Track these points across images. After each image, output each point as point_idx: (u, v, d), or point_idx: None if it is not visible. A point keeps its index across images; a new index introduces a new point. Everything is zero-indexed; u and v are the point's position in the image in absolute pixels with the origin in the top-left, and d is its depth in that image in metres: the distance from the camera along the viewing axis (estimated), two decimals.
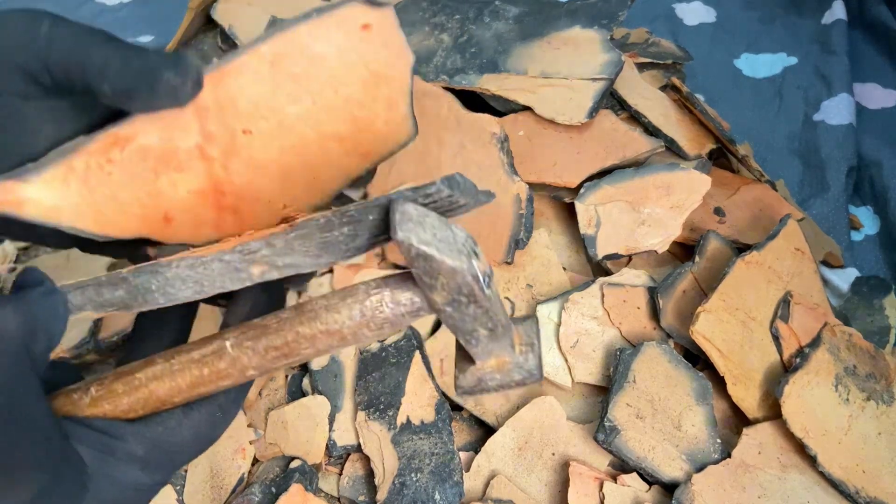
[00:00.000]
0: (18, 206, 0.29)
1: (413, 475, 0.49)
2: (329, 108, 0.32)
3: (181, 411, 0.30)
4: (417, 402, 0.52)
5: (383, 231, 0.28)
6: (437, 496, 0.48)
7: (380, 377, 0.53)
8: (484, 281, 0.27)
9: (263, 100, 0.31)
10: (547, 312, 0.54)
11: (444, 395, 0.54)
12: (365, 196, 0.59)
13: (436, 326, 0.57)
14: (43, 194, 0.29)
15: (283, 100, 0.32)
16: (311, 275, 0.36)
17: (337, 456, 0.52)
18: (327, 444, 0.52)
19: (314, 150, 0.33)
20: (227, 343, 0.29)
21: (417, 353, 0.54)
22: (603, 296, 0.54)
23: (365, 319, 0.28)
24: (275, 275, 0.29)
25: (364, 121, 0.33)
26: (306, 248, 0.29)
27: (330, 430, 0.53)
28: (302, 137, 0.33)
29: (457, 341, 0.31)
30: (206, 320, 0.60)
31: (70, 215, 0.30)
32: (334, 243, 0.29)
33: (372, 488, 0.50)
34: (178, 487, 0.52)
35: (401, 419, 0.51)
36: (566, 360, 0.53)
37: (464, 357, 0.31)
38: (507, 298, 0.57)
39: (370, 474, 0.51)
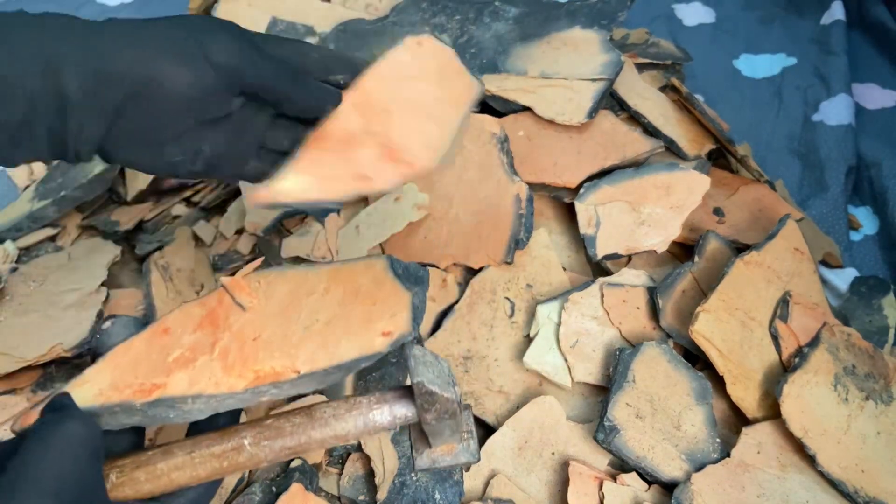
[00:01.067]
0: (283, 195, 0.39)
1: (413, 475, 0.49)
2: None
3: None
4: None
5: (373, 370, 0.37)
6: (437, 495, 0.48)
7: (380, 377, 0.53)
8: (461, 403, 0.35)
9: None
10: (547, 312, 0.54)
11: None
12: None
13: (436, 327, 0.57)
14: (290, 183, 0.40)
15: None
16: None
17: (337, 455, 0.53)
18: None
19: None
20: (245, 442, 0.35)
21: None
22: (603, 296, 0.55)
23: (367, 428, 0.36)
24: (281, 398, 0.37)
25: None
26: (310, 384, 0.36)
27: None
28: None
29: (415, 427, 0.38)
30: None
31: (303, 190, 0.41)
32: (336, 378, 0.36)
33: (372, 488, 0.50)
34: None
35: None
36: (566, 361, 0.53)
37: (420, 440, 0.38)
38: (507, 299, 0.57)
39: (370, 474, 0.51)
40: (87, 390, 0.36)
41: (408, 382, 0.36)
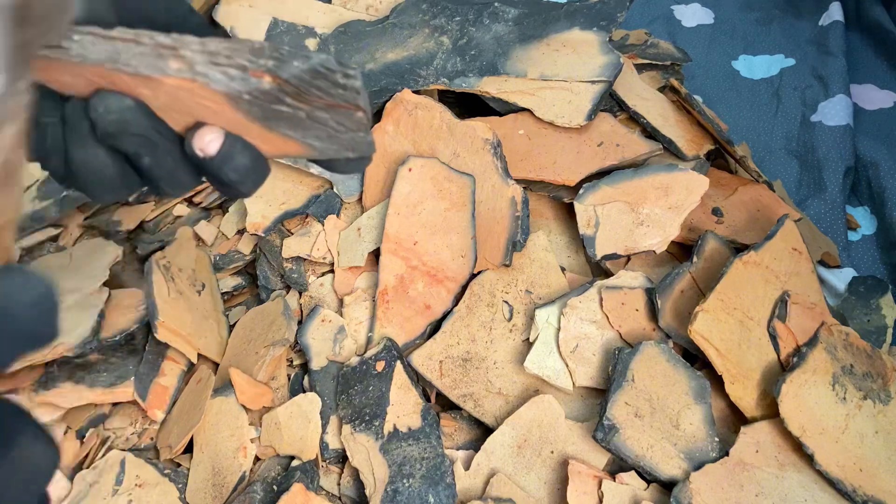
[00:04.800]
0: None
1: (405, 481, 0.49)
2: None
3: None
4: (402, 410, 0.52)
5: (293, 92, 0.28)
6: (430, 499, 0.48)
7: (362, 389, 0.54)
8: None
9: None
10: (545, 316, 0.55)
11: (440, 395, 0.55)
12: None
13: (434, 329, 0.57)
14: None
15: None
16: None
17: (337, 455, 0.53)
18: (320, 447, 0.53)
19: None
20: None
21: (399, 363, 0.54)
22: (601, 299, 0.55)
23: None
24: (186, 75, 0.27)
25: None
26: (228, 64, 0.28)
27: (323, 431, 0.53)
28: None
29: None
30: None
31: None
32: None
33: None
34: (180, 486, 0.52)
35: (388, 428, 0.52)
36: (567, 365, 0.53)
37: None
38: (505, 302, 0.57)
39: None
40: None
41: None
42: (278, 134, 0.29)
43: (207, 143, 0.29)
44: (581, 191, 0.59)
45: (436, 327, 0.57)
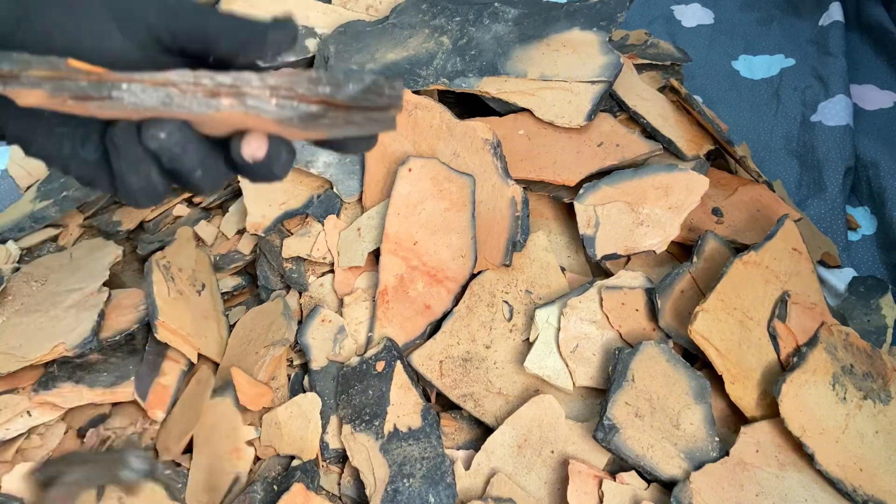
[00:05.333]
0: None
1: (405, 481, 0.49)
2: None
3: None
4: (403, 409, 0.52)
5: (359, 103, 0.30)
6: (431, 499, 0.48)
7: (363, 389, 0.54)
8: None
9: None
10: (545, 316, 0.55)
11: (440, 395, 0.55)
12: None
13: (434, 329, 0.57)
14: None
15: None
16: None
17: (337, 455, 0.53)
18: (320, 447, 0.53)
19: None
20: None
21: (399, 363, 0.54)
22: (601, 299, 0.55)
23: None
24: (239, 110, 0.29)
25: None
26: (287, 97, 0.29)
27: (324, 431, 0.53)
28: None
29: None
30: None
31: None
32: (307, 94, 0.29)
33: None
34: (179, 486, 0.52)
35: (388, 428, 0.52)
36: (567, 365, 0.53)
37: None
38: (505, 302, 0.57)
39: None
40: None
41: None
42: (310, 132, 0.31)
43: (256, 150, 0.30)
44: (581, 191, 0.59)
45: (436, 327, 0.57)
